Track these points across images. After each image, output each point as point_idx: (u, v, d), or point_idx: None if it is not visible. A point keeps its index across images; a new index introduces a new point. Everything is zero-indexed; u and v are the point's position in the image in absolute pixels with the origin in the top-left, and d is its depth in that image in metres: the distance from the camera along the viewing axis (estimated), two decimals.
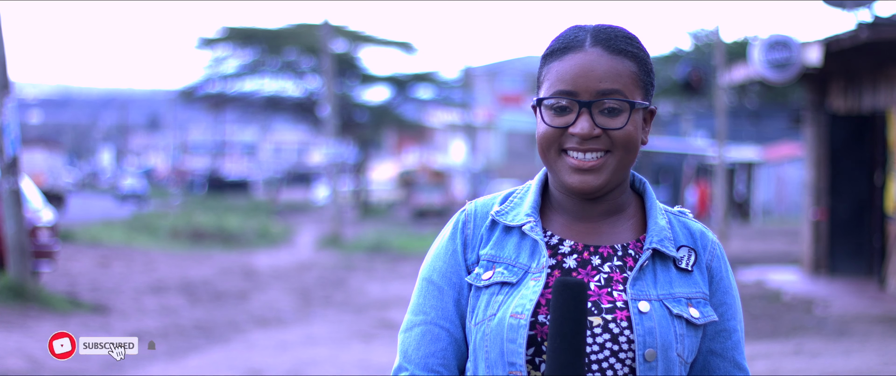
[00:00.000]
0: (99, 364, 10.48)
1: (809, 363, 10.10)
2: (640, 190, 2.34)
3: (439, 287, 2.27)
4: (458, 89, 53.85)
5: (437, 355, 2.24)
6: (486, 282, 2.23)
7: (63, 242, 20.08)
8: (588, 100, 2.20)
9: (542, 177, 2.33)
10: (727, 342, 2.27)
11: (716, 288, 2.28)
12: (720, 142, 28.98)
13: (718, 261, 2.30)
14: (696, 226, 2.31)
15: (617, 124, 2.20)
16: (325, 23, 33.04)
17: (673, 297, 2.21)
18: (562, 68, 2.23)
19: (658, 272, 2.23)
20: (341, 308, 15.64)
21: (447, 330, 2.25)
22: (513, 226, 2.26)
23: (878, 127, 16.73)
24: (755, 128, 47.62)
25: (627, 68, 2.22)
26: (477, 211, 2.31)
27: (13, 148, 14.08)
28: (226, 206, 48.64)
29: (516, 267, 2.23)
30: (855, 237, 17.45)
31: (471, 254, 2.27)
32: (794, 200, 39.96)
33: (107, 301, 15.20)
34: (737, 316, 2.30)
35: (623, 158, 2.22)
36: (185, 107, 65.56)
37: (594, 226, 2.27)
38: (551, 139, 2.22)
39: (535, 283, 2.19)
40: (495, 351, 2.18)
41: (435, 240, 2.35)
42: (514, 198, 2.32)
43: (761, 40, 16.52)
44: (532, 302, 2.17)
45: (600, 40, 2.23)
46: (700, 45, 43.77)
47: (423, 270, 2.32)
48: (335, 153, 32.01)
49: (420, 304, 2.29)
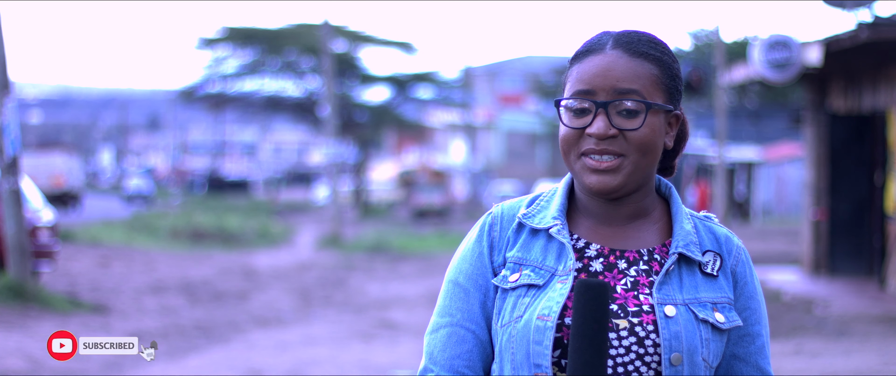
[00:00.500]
0: (99, 364, 10.48)
1: (809, 363, 10.10)
2: (667, 194, 2.34)
3: (465, 289, 2.28)
4: (458, 89, 53.86)
5: (463, 357, 2.25)
6: (513, 285, 2.24)
7: (63, 242, 20.08)
8: (605, 100, 2.21)
9: (569, 181, 2.34)
10: (751, 347, 2.28)
11: (740, 292, 2.28)
12: (720, 142, 28.98)
13: (743, 266, 2.30)
14: (721, 231, 2.32)
15: (634, 125, 2.21)
16: (325, 23, 33.04)
17: (699, 302, 2.22)
18: (582, 70, 2.25)
19: (684, 276, 2.24)
20: (341, 308, 15.64)
21: (473, 332, 2.26)
22: (540, 228, 2.27)
23: (878, 127, 16.73)
24: (755, 128, 47.61)
25: (647, 70, 2.24)
26: (504, 213, 2.32)
27: (13, 148, 14.08)
28: (226, 206, 48.65)
29: (543, 269, 2.24)
30: (855, 237, 17.45)
31: (497, 257, 2.28)
32: (794, 200, 39.97)
33: (107, 301, 15.20)
34: (761, 321, 2.30)
35: (640, 160, 2.22)
36: (185, 107, 65.57)
37: (620, 230, 2.28)
38: (571, 141, 2.24)
39: (561, 286, 2.20)
40: (521, 352, 2.19)
41: (461, 242, 2.36)
42: (541, 201, 2.33)
43: (761, 40, 16.51)
44: (559, 305, 2.18)
45: (622, 43, 2.25)
46: (700, 45, 43.79)
47: (449, 272, 2.33)
48: (335, 153, 32.02)
49: (446, 306, 2.29)
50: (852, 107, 17.18)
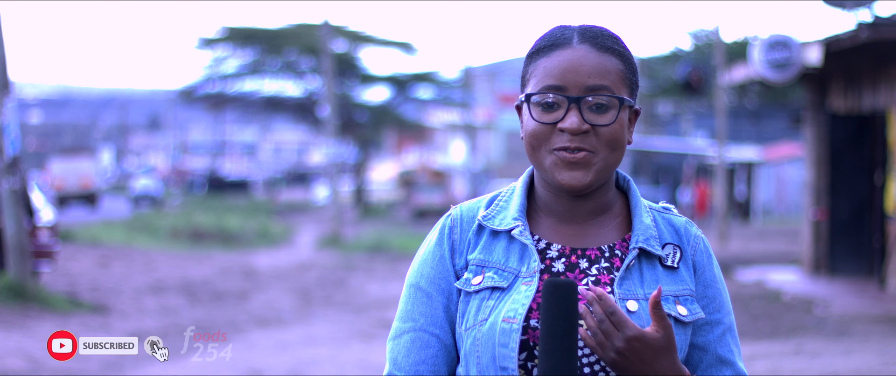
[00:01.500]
0: (99, 364, 10.48)
1: (809, 363, 10.10)
2: (625, 187, 2.33)
3: (428, 293, 2.26)
4: (458, 89, 53.84)
5: (428, 361, 2.23)
6: (477, 287, 2.21)
7: (63, 242, 20.07)
8: (577, 95, 2.19)
9: (527, 179, 2.32)
10: (710, 335, 2.26)
11: (700, 280, 2.27)
12: (720, 142, 28.98)
13: (702, 254, 2.29)
14: (679, 222, 2.31)
15: (606, 120, 2.20)
16: (325, 23, 33.04)
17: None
18: (549, 64, 2.22)
19: (645, 271, 2.23)
20: (341, 308, 15.64)
21: (437, 337, 2.23)
22: (501, 230, 2.25)
23: (878, 127, 16.73)
24: (755, 128, 47.62)
25: (614, 65, 2.22)
26: (463, 215, 2.30)
27: (13, 148, 14.07)
28: (226, 206, 48.61)
29: (506, 271, 2.22)
30: (855, 237, 17.45)
31: (459, 259, 2.26)
32: (794, 200, 39.96)
33: (107, 301, 15.20)
34: (723, 308, 2.27)
35: (609, 157, 2.21)
36: (185, 107, 65.58)
37: (581, 227, 2.26)
38: (541, 136, 2.21)
39: (526, 288, 2.18)
40: (487, 355, 2.17)
41: (420, 246, 2.33)
42: (500, 201, 2.30)
43: (761, 40, 16.52)
44: (524, 307, 2.16)
45: (588, 38, 2.23)
46: (700, 45, 43.77)
47: (409, 276, 2.30)
48: (335, 153, 32.02)
49: (408, 311, 2.26)
50: (852, 107, 17.18)
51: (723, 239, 27.19)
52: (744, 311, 13.86)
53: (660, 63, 48.08)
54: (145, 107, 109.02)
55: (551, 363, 2.09)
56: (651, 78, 49.44)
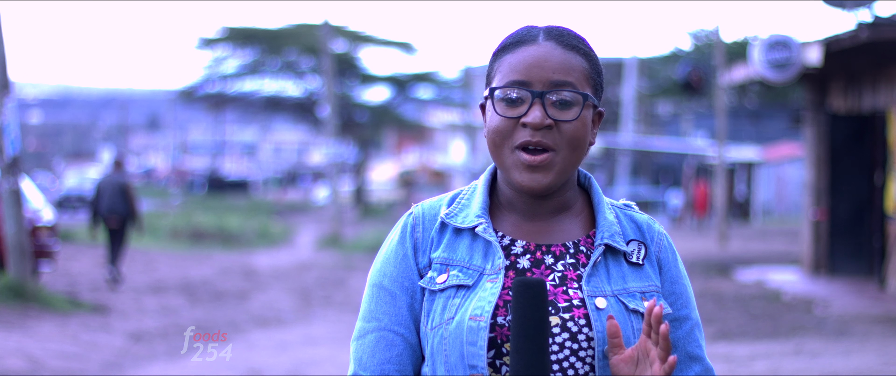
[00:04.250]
0: (99, 364, 10.49)
1: (809, 363, 10.10)
2: (586, 185, 2.33)
3: (391, 292, 2.24)
4: (458, 89, 53.87)
5: (394, 361, 2.21)
6: (441, 286, 2.20)
7: (63, 242, 20.06)
8: (541, 90, 2.19)
9: (489, 177, 2.31)
10: (678, 331, 2.25)
11: (665, 277, 2.26)
12: (720, 142, 28.99)
13: (666, 251, 2.28)
14: (642, 219, 2.31)
15: (569, 116, 2.19)
16: (325, 23, 33.04)
17: (627, 292, 2.20)
18: (514, 60, 2.22)
19: (611, 267, 2.22)
20: (341, 308, 15.64)
21: (402, 336, 2.22)
22: (464, 227, 2.24)
23: (878, 127, 16.74)
24: (755, 128, 47.64)
25: (579, 63, 2.22)
26: (425, 213, 2.28)
27: (13, 148, 14.07)
28: (226, 206, 48.63)
29: (471, 269, 2.20)
30: (855, 237, 17.46)
31: (422, 258, 2.25)
32: (794, 200, 39.96)
33: (107, 301, 15.20)
34: (688, 305, 2.27)
35: (569, 156, 2.20)
36: (185, 107, 65.60)
37: (544, 224, 2.25)
38: (503, 132, 2.21)
39: (492, 285, 2.17)
40: (455, 354, 2.15)
41: (382, 245, 2.31)
42: (462, 199, 2.29)
43: (761, 40, 16.52)
44: (491, 304, 2.15)
45: (553, 36, 2.24)
46: (700, 45, 43.79)
47: (372, 276, 2.28)
48: (335, 153, 32.02)
49: (372, 311, 2.25)
50: (852, 107, 17.19)
51: (723, 239, 27.20)
52: (744, 311, 13.86)
53: (660, 63, 48.11)
54: (145, 108, 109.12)
55: (523, 362, 2.08)
56: (651, 78, 49.46)
